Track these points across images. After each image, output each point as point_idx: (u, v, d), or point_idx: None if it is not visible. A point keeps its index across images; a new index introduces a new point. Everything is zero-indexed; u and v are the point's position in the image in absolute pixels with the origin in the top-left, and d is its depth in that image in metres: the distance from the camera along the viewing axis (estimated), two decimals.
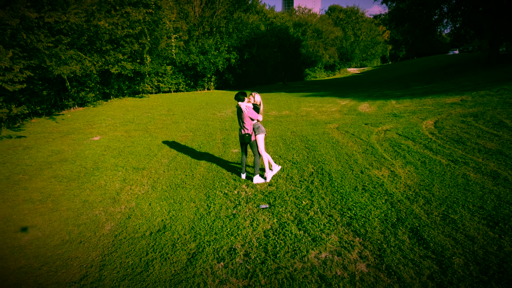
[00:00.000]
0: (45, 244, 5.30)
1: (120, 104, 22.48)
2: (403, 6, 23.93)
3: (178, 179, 7.95)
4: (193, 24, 32.27)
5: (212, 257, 4.69)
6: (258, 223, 5.53)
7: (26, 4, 9.89)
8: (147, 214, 6.19)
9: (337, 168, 7.79)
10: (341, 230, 5.13)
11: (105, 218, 6.15)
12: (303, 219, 5.52)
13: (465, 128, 9.46)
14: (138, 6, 19.12)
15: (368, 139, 10.04)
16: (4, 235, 5.61)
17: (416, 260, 4.23)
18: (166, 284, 4.16)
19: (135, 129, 13.76)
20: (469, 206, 5.39)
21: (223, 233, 5.30)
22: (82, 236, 5.53)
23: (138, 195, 7.12)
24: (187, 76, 33.53)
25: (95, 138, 12.37)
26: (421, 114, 12.39)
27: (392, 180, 6.79)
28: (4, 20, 9.33)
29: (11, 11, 9.51)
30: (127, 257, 4.85)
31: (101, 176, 8.36)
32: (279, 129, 12.65)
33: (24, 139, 12.13)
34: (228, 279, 4.19)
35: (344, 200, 6.11)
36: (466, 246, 4.39)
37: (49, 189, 7.52)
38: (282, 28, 42.94)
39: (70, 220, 6.08)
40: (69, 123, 15.18)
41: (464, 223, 4.92)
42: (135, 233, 5.52)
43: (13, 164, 9.23)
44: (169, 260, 4.69)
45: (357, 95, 22.60)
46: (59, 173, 8.59)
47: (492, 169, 6.57)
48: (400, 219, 5.26)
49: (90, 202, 6.83)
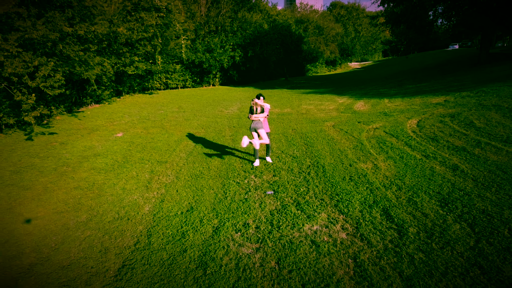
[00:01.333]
0: (102, 221, 6.84)
1: (132, 101, 23.97)
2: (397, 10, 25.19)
3: (197, 170, 9.48)
4: (199, 23, 33.59)
5: (231, 229, 6.22)
6: (265, 205, 7.05)
7: (62, 19, 11.33)
8: (176, 198, 7.72)
9: (330, 161, 9.28)
10: (330, 210, 6.64)
11: (143, 201, 7.68)
12: (301, 202, 7.03)
13: (442, 127, 10.91)
14: (150, 10, 20.51)
15: (359, 136, 11.50)
16: (66, 215, 7.15)
17: (382, 230, 5.75)
18: (199, 247, 5.70)
19: (152, 126, 15.26)
20: (429, 192, 6.88)
21: (238, 212, 6.83)
22: (128, 214, 7.07)
23: (165, 184, 8.65)
24: (193, 73, 34.94)
25: (119, 134, 13.89)
26: (408, 114, 13.84)
27: (374, 171, 8.28)
28: (47, 35, 10.81)
29: (50, 26, 10.96)
30: (166, 229, 6.39)
31: (132, 168, 9.89)
32: (281, 127, 14.12)
33: (57, 135, 13.66)
34: (244, 244, 5.72)
35: (333, 187, 7.61)
36: (421, 220, 5.90)
37: (91, 179, 9.07)
38: (284, 25, 44.15)
39: (115, 203, 7.62)
40: (91, 120, 16.68)
41: (422, 204, 6.42)
42: (169, 212, 7.05)
43: (55, 158, 10.78)
44: (199, 231, 6.23)
45: (355, 92, 23.99)
46: (96, 165, 10.13)
47: (454, 163, 8.05)
48: (375, 201, 6.76)
49: (128, 189, 8.37)
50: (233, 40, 34.63)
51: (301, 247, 5.46)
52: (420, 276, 4.54)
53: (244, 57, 36.36)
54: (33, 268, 5.38)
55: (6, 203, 7.64)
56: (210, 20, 33.78)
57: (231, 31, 34.57)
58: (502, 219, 5.58)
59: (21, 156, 10.88)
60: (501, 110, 11.12)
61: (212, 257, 5.38)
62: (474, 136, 9.49)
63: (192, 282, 4.83)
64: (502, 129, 9.56)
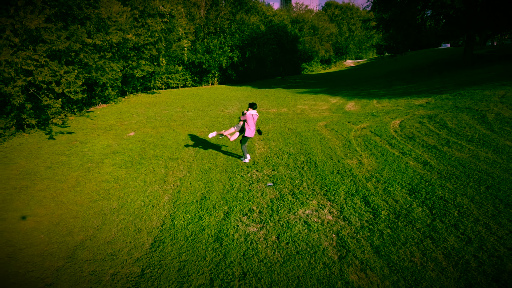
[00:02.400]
0: (131, 207, 8.22)
1: (137, 100, 25.24)
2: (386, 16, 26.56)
3: (206, 166, 10.86)
4: (199, 25, 34.84)
5: (239, 213, 7.62)
6: (266, 194, 8.45)
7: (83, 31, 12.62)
8: (190, 189, 9.11)
9: (321, 158, 10.69)
10: (319, 198, 8.06)
11: (162, 192, 9.07)
12: (295, 192, 8.45)
13: (419, 127, 12.35)
14: (155, 16, 21.78)
15: (348, 135, 12.91)
16: (100, 203, 8.53)
17: (361, 213, 7.17)
18: (214, 227, 7.10)
19: (161, 126, 16.60)
20: (401, 183, 8.31)
21: (244, 200, 8.23)
22: (152, 202, 8.45)
23: (180, 177, 10.03)
24: (193, 73, 36.21)
25: (131, 134, 15.23)
26: (393, 114, 15.27)
27: (358, 166, 9.71)
28: (71, 46, 12.09)
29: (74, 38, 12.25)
30: (186, 213, 7.78)
31: (148, 164, 11.26)
32: (278, 126, 15.52)
33: (75, 134, 14.97)
34: (250, 224, 7.13)
35: (323, 180, 9.02)
36: (392, 205, 7.33)
37: (115, 173, 10.44)
38: (280, 25, 45.45)
39: (140, 193, 9.00)
40: (102, 120, 17.96)
41: (395, 193, 7.85)
42: (186, 201, 8.44)
43: (79, 155, 12.12)
44: (213, 215, 7.63)
45: (347, 92, 25.42)
46: (116, 162, 11.50)
47: (425, 159, 9.49)
48: (357, 191, 8.18)
49: (148, 182, 9.75)
50: (231, 41, 35.94)
51: (295, 226, 6.88)
52: (386, 245, 5.98)
53: (242, 57, 37.69)
54: (84, 242, 6.76)
55: (49, 194, 9.00)
56: (209, 22, 35.06)
57: (229, 32, 35.87)
58: (455, 204, 7.02)
59: (49, 153, 12.21)
60: (471, 112, 12.58)
61: (226, 233, 6.79)
62: (445, 136, 10.93)
63: (212, 251, 6.23)
64: (469, 129, 11.01)
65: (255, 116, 10.39)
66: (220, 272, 5.62)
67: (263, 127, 15.43)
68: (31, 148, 12.86)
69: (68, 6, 12.49)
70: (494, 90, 14.55)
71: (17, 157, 11.81)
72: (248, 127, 10.38)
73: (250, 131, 10.41)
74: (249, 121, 10.29)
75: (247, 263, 5.80)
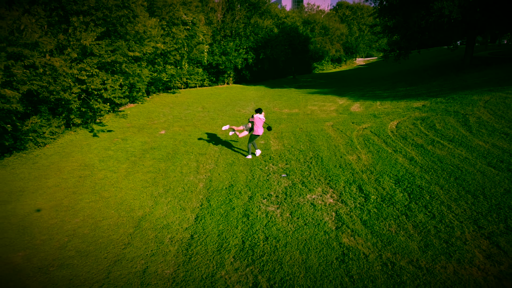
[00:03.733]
0: (174, 192, 10.35)
1: (160, 100, 27.48)
2: (390, 24, 28.14)
3: (230, 160, 12.94)
4: (216, 28, 36.90)
5: (260, 198, 9.69)
6: (281, 183, 10.49)
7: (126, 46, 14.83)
8: (219, 179, 11.21)
9: (327, 154, 12.67)
10: (324, 186, 10.07)
11: (197, 180, 11.19)
12: (305, 181, 10.47)
13: (412, 129, 14.21)
14: (179, 25, 23.90)
15: (351, 135, 14.84)
16: (150, 188, 10.69)
17: (355, 197, 9.16)
18: (242, 207, 9.17)
19: (187, 125, 18.75)
20: (390, 174, 10.27)
21: (263, 187, 10.29)
22: (190, 189, 10.58)
23: (209, 169, 12.14)
24: (210, 73, 38.34)
25: (162, 132, 17.41)
26: (392, 116, 17.11)
27: (356, 161, 11.67)
28: (117, 59, 14.30)
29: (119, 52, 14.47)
30: (218, 197, 9.88)
31: (181, 158, 13.40)
32: (290, 126, 17.51)
33: (114, 132, 17.22)
34: (269, 205, 9.19)
35: (327, 172, 11.01)
36: (380, 191, 9.30)
37: (156, 166, 12.61)
38: (292, 27, 47.21)
39: (179, 181, 11.14)
40: (134, 120, 20.19)
41: (384, 182, 9.81)
42: (217, 187, 10.54)
43: (123, 151, 14.34)
44: (240, 198, 9.71)
45: (354, 93, 27.21)
46: (155, 156, 13.68)
47: (412, 156, 11.41)
48: (354, 181, 10.16)
49: (184, 173, 11.89)
50: (246, 44, 37.94)
51: (304, 206, 8.92)
52: (371, 220, 7.97)
53: (256, 58, 39.68)
54: (145, 217, 8.92)
55: (107, 181, 11.22)
56: (225, 25, 37.08)
57: (244, 35, 37.82)
58: (428, 190, 8.97)
59: (98, 149, 14.47)
60: (457, 116, 14.38)
61: (251, 211, 8.88)
62: (431, 136, 12.80)
63: (241, 223, 8.32)
64: (452, 131, 12.85)
65: (262, 119, 12.49)
66: (249, 236, 7.71)
67: (277, 126, 17.43)
68: (82, 144, 15.14)
69: (112, 24, 14.65)
70: (481, 95, 16.28)
71: (72, 152, 14.09)
72: (256, 127, 12.54)
73: (258, 130, 12.59)
74: (257, 123, 12.41)
75: (268, 231, 7.88)
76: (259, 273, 6.49)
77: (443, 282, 5.88)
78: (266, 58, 40.46)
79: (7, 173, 11.94)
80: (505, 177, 8.90)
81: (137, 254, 7.35)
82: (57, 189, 10.65)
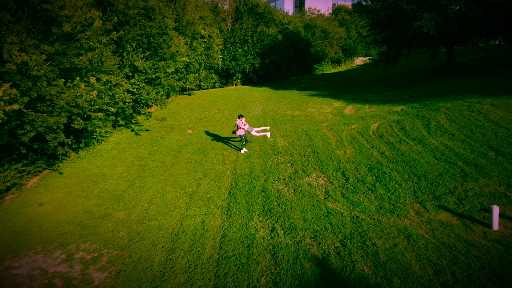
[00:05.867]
0: (210, 176, 14.22)
1: (179, 102, 31.33)
2: (379, 38, 31.79)
3: (247, 154, 16.78)
4: (226, 36, 40.67)
5: (272, 180, 13.54)
6: (287, 170, 14.34)
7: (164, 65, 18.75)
8: (241, 167, 15.06)
9: (321, 149, 16.48)
10: (318, 172, 13.90)
11: (225, 168, 15.05)
12: (304, 169, 14.31)
13: (388, 129, 17.98)
14: (197, 39, 27.71)
15: (341, 134, 18.62)
16: (192, 174, 14.57)
17: (339, 179, 13.00)
18: (260, 186, 13.04)
19: (208, 125, 22.59)
20: (365, 164, 14.08)
21: (274, 173, 14.14)
22: (220, 175, 14.44)
23: (233, 161, 15.99)
24: (221, 76, 42.18)
25: (189, 131, 21.26)
26: (375, 119, 20.88)
27: (343, 155, 15.47)
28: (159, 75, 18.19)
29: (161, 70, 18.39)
30: (242, 179, 13.74)
31: (210, 152, 17.25)
32: (293, 126, 21.31)
33: (151, 131, 21.09)
34: (279, 185, 13.05)
35: (321, 162, 14.83)
36: (356, 175, 13.12)
37: (192, 158, 16.47)
38: (295, 32, 50.89)
39: (212, 169, 15.00)
40: (164, 120, 24.01)
41: (360, 169, 13.63)
42: (241, 173, 14.39)
43: (164, 146, 18.20)
44: (258, 180, 13.57)
45: (348, 96, 30.97)
46: (189, 150, 17.54)
47: (383, 150, 15.20)
48: (340, 168, 13.99)
49: (214, 163, 15.74)
50: (253, 50, 41.72)
51: (303, 185, 12.77)
52: (348, 193, 11.81)
53: (262, 63, 43.46)
54: (194, 192, 12.79)
55: (160, 169, 15.11)
56: (234, 33, 40.84)
57: (251, 42, 41.59)
58: (389, 175, 12.79)
59: (145, 145, 18.36)
60: (424, 119, 18.15)
61: (267, 189, 12.74)
62: (401, 136, 16.60)
63: (261, 196, 12.19)
64: (416, 132, 16.64)
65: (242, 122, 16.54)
66: (267, 204, 11.60)
67: (283, 126, 21.26)
68: (130, 141, 19.05)
69: (154, 47, 18.48)
70: (445, 103, 20.03)
71: (126, 147, 18.01)
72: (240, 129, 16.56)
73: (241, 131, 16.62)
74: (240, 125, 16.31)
75: (279, 200, 11.76)
76: (275, 223, 10.39)
77: (387, 227, 9.75)
78: (271, 62, 44.24)
79: (86, 163, 15.86)
80: (442, 166, 12.73)
81: (195, 213, 11.26)
82: (126, 174, 14.58)
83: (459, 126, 16.07)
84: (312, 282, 7.87)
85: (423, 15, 25.17)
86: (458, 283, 7.33)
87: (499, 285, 7.17)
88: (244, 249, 9.23)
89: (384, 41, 31.31)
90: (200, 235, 10.05)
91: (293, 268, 8.38)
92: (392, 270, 7.91)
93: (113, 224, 10.73)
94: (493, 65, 32.88)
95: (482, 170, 11.84)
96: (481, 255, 8.06)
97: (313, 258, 8.67)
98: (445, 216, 9.88)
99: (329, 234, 9.63)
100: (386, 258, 8.33)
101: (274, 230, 10.03)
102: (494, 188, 10.73)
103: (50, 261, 8.87)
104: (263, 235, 9.85)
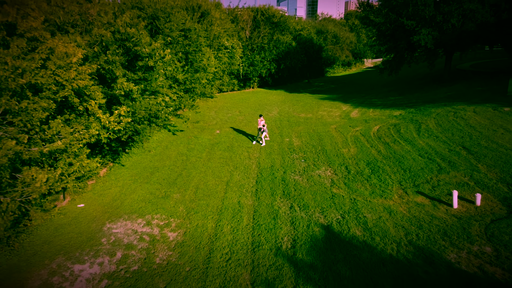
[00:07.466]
0: (242, 169, 17.71)
1: (204, 105, 34.86)
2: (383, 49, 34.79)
3: (268, 151, 20.20)
4: (245, 44, 44.14)
5: (290, 172, 16.96)
6: (301, 165, 17.72)
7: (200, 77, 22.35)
8: (264, 162, 18.49)
9: (329, 148, 19.79)
10: (326, 166, 17.25)
11: (251, 163, 18.51)
12: (316, 164, 17.67)
13: (386, 132, 21.16)
14: (222, 49, 31.24)
15: (347, 135, 21.87)
16: (225, 167, 18.10)
17: (343, 172, 16.34)
18: (280, 177, 16.48)
19: (233, 126, 26.06)
20: (364, 160, 17.36)
21: (291, 167, 17.54)
22: (248, 167, 17.92)
23: (256, 156, 19.43)
24: (240, 80, 45.71)
25: (217, 131, 24.79)
26: (377, 122, 24.06)
27: (347, 152, 18.77)
28: (195, 86, 21.85)
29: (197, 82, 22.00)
30: (266, 171, 17.19)
31: (237, 150, 20.73)
32: (306, 128, 24.63)
33: (185, 132, 24.67)
34: (295, 175, 16.45)
35: (329, 159, 18.16)
36: (356, 168, 16.45)
37: (223, 154, 19.99)
38: (308, 38, 54.05)
39: (241, 163, 18.48)
40: (195, 122, 27.59)
41: (360, 164, 16.93)
42: (264, 167, 17.83)
43: (199, 144, 21.77)
44: (278, 172, 17.01)
45: (355, 100, 34.09)
46: (220, 148, 21.05)
47: (380, 149, 18.43)
48: (344, 163, 17.31)
49: (242, 159, 19.20)
50: (269, 56, 45.12)
51: (314, 176, 16.16)
52: (349, 182, 15.16)
53: (278, 68, 46.83)
54: (230, 181, 16.30)
55: (199, 162, 18.68)
56: (252, 41, 44.30)
57: (268, 49, 44.99)
58: (383, 168, 16.07)
59: (183, 143, 21.97)
60: (416, 123, 21.28)
61: (286, 179, 16.16)
62: (395, 137, 19.80)
63: (281, 184, 15.63)
64: (409, 134, 19.81)
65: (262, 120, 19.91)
66: (286, 189, 15.03)
67: (297, 128, 24.62)
68: (170, 140, 22.70)
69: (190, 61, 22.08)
70: (437, 109, 23.11)
71: (168, 145, 21.66)
72: None
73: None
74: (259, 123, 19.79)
75: (295, 187, 15.18)
76: (293, 202, 13.83)
77: (375, 205, 13.08)
78: (286, 67, 47.60)
79: (140, 158, 19.56)
80: (424, 162, 15.97)
81: (232, 196, 14.78)
82: (174, 167, 18.20)
83: (444, 130, 19.22)
84: (320, 240, 11.31)
85: (421, 30, 28.20)
86: (420, 239, 10.68)
87: (447, 241, 10.50)
88: (271, 220, 12.72)
89: (388, 51, 34.38)
90: (238, 210, 13.57)
91: (306, 231, 11.83)
92: (376, 233, 11.31)
93: (173, 202, 14.35)
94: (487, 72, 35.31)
95: (453, 165, 15.07)
96: (440, 223, 11.38)
97: (320, 225, 12.10)
98: (420, 199, 13.17)
99: (332, 210, 13.04)
100: (372, 225, 11.73)
101: (292, 207, 13.49)
102: (460, 178, 13.98)
103: (136, 225, 12.53)
104: (284, 210, 13.32)
